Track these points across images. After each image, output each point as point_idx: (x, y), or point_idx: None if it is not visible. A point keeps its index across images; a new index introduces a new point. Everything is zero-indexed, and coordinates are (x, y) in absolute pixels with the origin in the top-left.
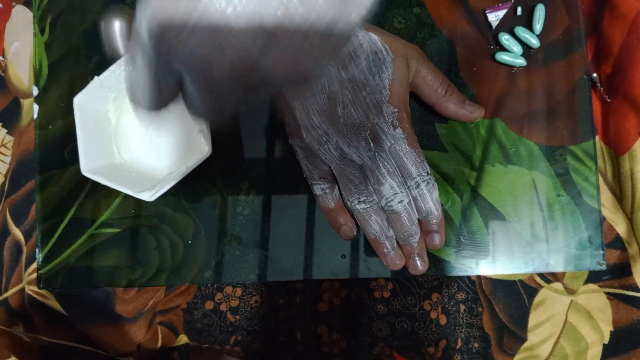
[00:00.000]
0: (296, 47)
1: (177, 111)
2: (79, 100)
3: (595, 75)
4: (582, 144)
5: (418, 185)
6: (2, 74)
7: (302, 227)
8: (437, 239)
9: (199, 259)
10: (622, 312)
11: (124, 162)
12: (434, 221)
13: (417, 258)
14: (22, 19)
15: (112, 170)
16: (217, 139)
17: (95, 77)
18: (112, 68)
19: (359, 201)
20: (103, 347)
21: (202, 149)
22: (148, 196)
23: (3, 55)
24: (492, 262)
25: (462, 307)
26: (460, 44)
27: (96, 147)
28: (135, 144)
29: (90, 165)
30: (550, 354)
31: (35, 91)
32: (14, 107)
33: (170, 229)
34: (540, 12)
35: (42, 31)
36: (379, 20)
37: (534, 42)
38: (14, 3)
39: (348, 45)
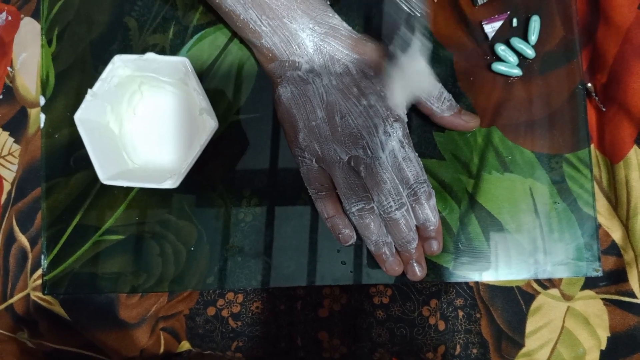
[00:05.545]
0: None
1: (172, 100)
2: (79, 116)
3: (590, 84)
4: (578, 152)
5: (415, 193)
6: (10, 84)
7: (303, 234)
8: (435, 245)
9: (202, 265)
10: (618, 318)
11: (137, 167)
12: (432, 228)
13: (415, 264)
14: (30, 31)
15: (129, 174)
16: (220, 146)
17: (89, 90)
18: (102, 77)
19: (358, 208)
20: (106, 352)
21: (209, 124)
22: (171, 184)
23: (11, 66)
24: (489, 268)
25: (461, 313)
26: (457, 54)
27: (108, 156)
28: (143, 147)
29: (107, 173)
30: (548, 359)
31: (42, 101)
32: (21, 117)
33: (173, 236)
34: (535, 23)
35: (49, 42)
36: (377, 32)
37: (530, 52)
38: (22, 15)
39: (346, 56)
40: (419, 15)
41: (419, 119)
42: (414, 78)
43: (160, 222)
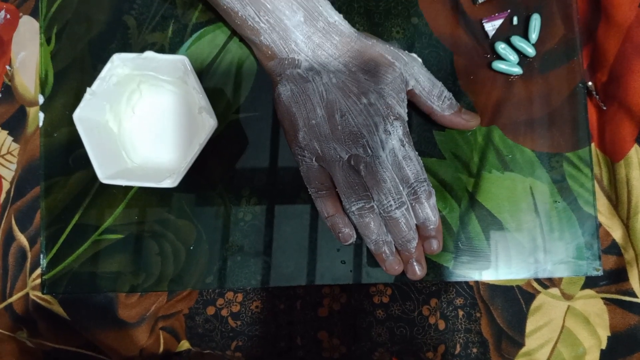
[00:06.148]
0: None
1: (171, 99)
2: (78, 115)
3: (590, 83)
4: (578, 151)
5: (416, 192)
6: (9, 83)
7: (303, 233)
8: (435, 245)
9: (201, 264)
10: (619, 317)
11: (137, 165)
12: (432, 227)
13: (415, 263)
14: (28, 29)
15: (128, 173)
16: (219, 145)
17: (88, 89)
18: (101, 76)
19: (358, 207)
20: (106, 352)
21: (208, 123)
22: (170, 183)
23: (10, 65)
24: (490, 267)
25: (461, 313)
26: (457, 53)
27: (107, 155)
28: (142, 146)
29: (106, 172)
30: (548, 359)
31: (41, 100)
32: (20, 116)
33: (173, 235)
34: (536, 21)
35: (48, 41)
36: (377, 30)
37: (530, 51)
38: (21, 13)
39: (346, 53)
40: None
41: (419, 118)
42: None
43: (159, 221)
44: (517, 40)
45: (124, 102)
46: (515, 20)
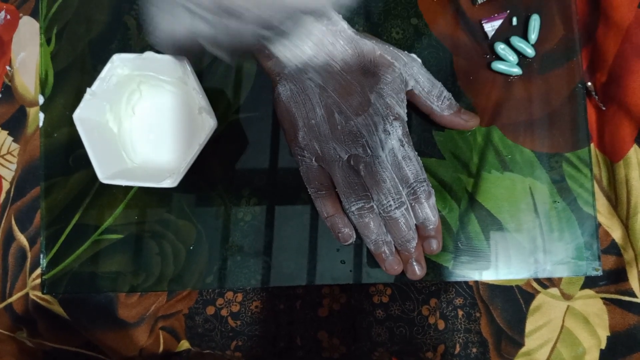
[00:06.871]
0: None
1: (171, 99)
2: (78, 115)
3: (590, 84)
4: (578, 151)
5: (415, 192)
6: (9, 84)
7: (302, 233)
8: (435, 245)
9: (201, 264)
10: (618, 317)
11: (137, 166)
12: (431, 227)
13: (415, 263)
14: (29, 30)
15: (128, 173)
16: (219, 146)
17: (88, 89)
18: (101, 76)
19: (357, 207)
20: (106, 351)
21: (208, 123)
22: (170, 183)
23: (10, 65)
24: (489, 267)
25: (460, 313)
26: (457, 53)
27: (107, 155)
28: (142, 146)
29: (106, 172)
30: (548, 359)
31: (41, 100)
32: (20, 116)
33: (173, 235)
34: (535, 22)
35: (48, 41)
36: (377, 30)
37: (530, 51)
38: (21, 14)
39: (345, 53)
40: None
41: (419, 118)
42: None
43: (159, 222)
44: (516, 40)
45: (124, 103)
46: (514, 20)
